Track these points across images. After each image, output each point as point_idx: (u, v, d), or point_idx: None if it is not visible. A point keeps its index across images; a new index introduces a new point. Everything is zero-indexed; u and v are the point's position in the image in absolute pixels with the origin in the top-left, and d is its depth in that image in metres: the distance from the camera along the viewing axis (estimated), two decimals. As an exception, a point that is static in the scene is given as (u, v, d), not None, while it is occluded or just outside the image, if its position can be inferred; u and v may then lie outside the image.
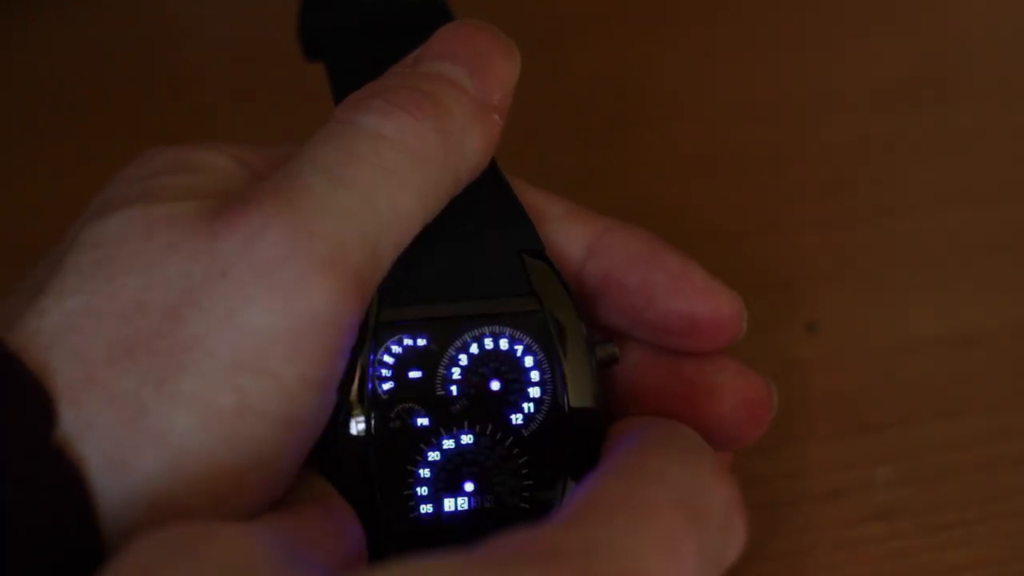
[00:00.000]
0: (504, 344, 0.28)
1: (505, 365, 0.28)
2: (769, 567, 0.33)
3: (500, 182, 0.30)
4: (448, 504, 0.28)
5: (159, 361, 0.25)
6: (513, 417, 0.28)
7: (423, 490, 0.28)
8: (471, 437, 0.28)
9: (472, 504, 0.28)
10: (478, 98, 0.29)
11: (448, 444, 0.28)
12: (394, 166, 0.27)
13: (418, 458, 0.28)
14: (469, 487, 0.28)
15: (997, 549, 0.33)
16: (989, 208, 0.43)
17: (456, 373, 0.28)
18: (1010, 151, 0.45)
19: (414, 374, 0.28)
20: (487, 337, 0.28)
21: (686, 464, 0.25)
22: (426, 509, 0.28)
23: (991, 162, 0.45)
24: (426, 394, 0.28)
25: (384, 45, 0.31)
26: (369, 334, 0.28)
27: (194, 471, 0.25)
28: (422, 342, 0.28)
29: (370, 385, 0.28)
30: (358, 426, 0.28)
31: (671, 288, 0.30)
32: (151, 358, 0.25)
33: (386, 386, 0.28)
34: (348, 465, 0.28)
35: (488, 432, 0.28)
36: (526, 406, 0.28)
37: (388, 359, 0.28)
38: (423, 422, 0.28)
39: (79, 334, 0.25)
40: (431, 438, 0.28)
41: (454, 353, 0.28)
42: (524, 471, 0.28)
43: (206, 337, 0.25)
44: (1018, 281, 0.41)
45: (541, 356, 0.28)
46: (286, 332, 0.25)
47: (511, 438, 0.28)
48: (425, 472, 0.28)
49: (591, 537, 0.23)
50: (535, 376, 0.28)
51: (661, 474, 0.25)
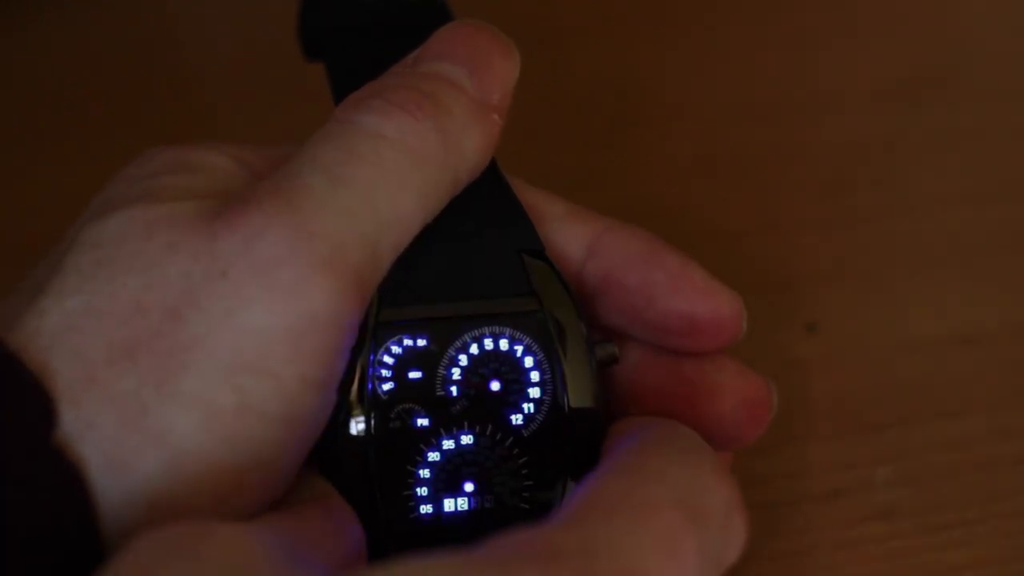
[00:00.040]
0: (504, 344, 0.28)
1: (505, 365, 0.28)
2: (769, 567, 0.33)
3: (500, 182, 0.30)
4: (448, 504, 0.28)
5: (159, 361, 0.25)
6: (513, 417, 0.28)
7: (423, 490, 0.28)
8: (471, 437, 0.28)
9: (472, 504, 0.28)
10: (478, 98, 0.29)
11: (448, 444, 0.28)
12: (394, 166, 0.27)
13: (418, 458, 0.28)
14: (469, 487, 0.28)
15: (997, 549, 0.33)
16: (989, 208, 0.43)
17: (456, 373, 0.28)
18: (1010, 151, 0.45)
19: (414, 374, 0.28)
20: (487, 337, 0.28)
21: (686, 464, 0.25)
22: (426, 509, 0.28)
23: (991, 162, 0.45)
24: (426, 394, 0.28)
25: (384, 45, 0.31)
26: (369, 334, 0.28)
27: (194, 471, 0.25)
28: (422, 342, 0.28)
29: (370, 385, 0.28)
30: (358, 426, 0.28)
31: (671, 288, 0.30)
32: (151, 358, 0.25)
33: (386, 386, 0.28)
34: (348, 465, 0.28)
35: (488, 432, 0.28)
36: (526, 406, 0.28)
37: (388, 359, 0.28)
38: (423, 422, 0.28)
39: (79, 334, 0.25)
40: (431, 438, 0.28)
41: (454, 353, 0.28)
42: (524, 471, 0.28)
43: (206, 337, 0.25)
44: (1018, 281, 0.41)
45: (541, 356, 0.28)
46: (286, 332, 0.25)
47: (511, 438, 0.28)
48: (425, 472, 0.28)
49: (591, 537, 0.23)
50: (535, 376, 0.28)
51: (661, 474, 0.25)
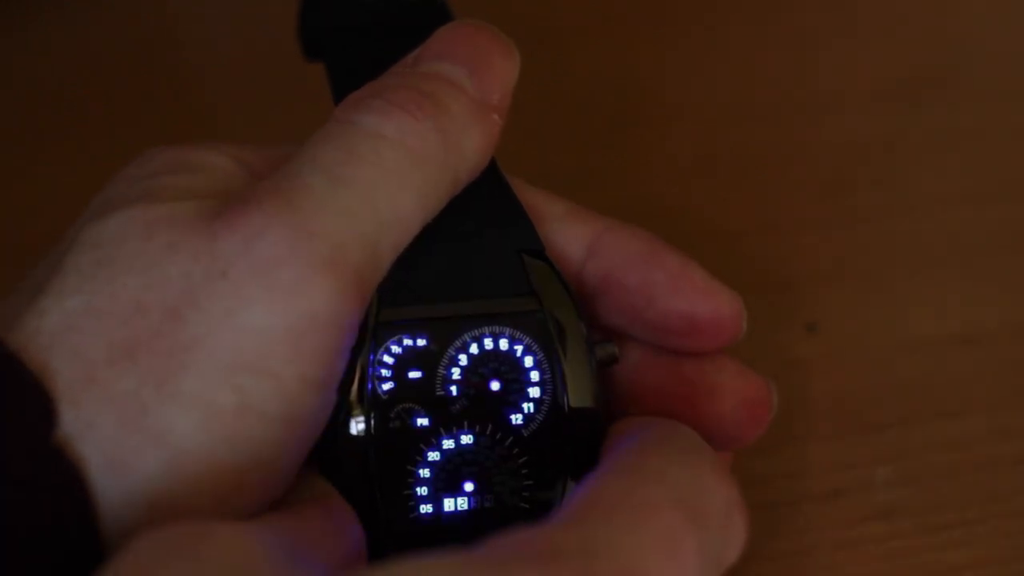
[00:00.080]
0: (504, 344, 0.28)
1: (505, 365, 0.28)
2: (769, 567, 0.33)
3: (500, 182, 0.30)
4: (448, 504, 0.28)
5: (159, 361, 0.25)
6: (513, 417, 0.28)
7: (423, 490, 0.28)
8: (471, 437, 0.28)
9: (472, 504, 0.28)
10: (477, 98, 0.29)
11: (448, 444, 0.28)
12: (394, 166, 0.27)
13: (418, 458, 0.28)
14: (469, 487, 0.28)
15: (997, 549, 0.33)
16: (989, 208, 0.43)
17: (456, 373, 0.28)
18: (1010, 151, 0.45)
19: (414, 374, 0.28)
20: (487, 337, 0.28)
21: (686, 464, 0.25)
22: (426, 509, 0.28)
23: (991, 162, 0.45)
24: (426, 394, 0.28)
25: (384, 45, 0.31)
26: (369, 334, 0.28)
27: (194, 471, 0.25)
28: (422, 342, 0.28)
29: (370, 385, 0.28)
30: (358, 426, 0.28)
31: (671, 288, 0.30)
32: (151, 358, 0.25)
33: (386, 386, 0.28)
34: (348, 465, 0.28)
35: (488, 432, 0.28)
36: (526, 406, 0.28)
37: (388, 359, 0.28)
38: (423, 422, 0.28)
39: (79, 334, 0.25)
40: (431, 438, 0.28)
41: (454, 353, 0.28)
42: (524, 471, 0.28)
43: (206, 337, 0.25)
44: (1018, 281, 0.41)
45: (541, 356, 0.28)
46: (286, 332, 0.25)
47: (511, 438, 0.28)
48: (425, 472, 0.28)
49: (591, 537, 0.23)
50: (535, 376, 0.28)
51: (661, 474, 0.25)
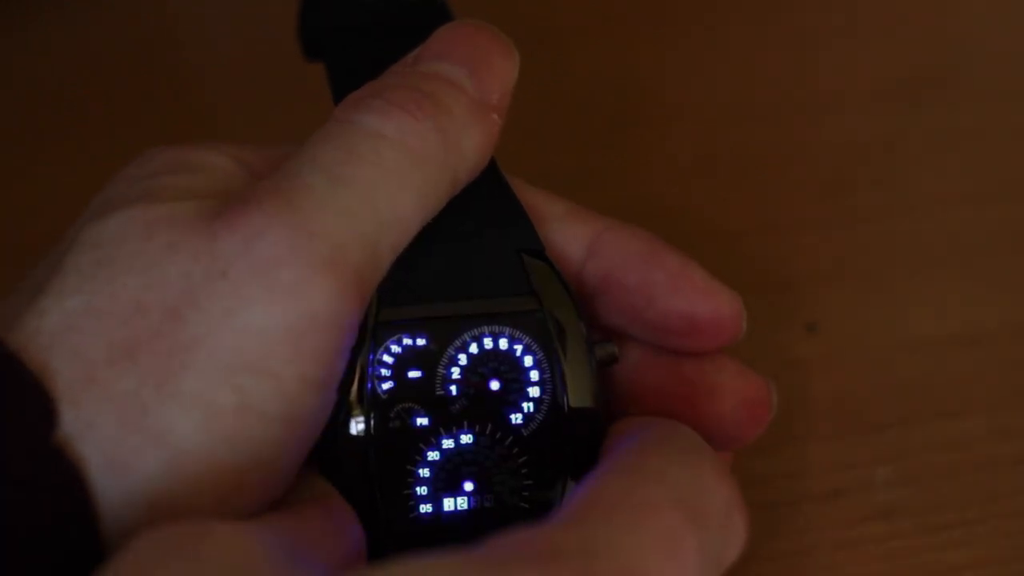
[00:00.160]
0: (503, 344, 0.28)
1: (504, 365, 0.28)
2: (769, 567, 0.33)
3: (500, 182, 0.30)
4: (448, 504, 0.28)
5: (159, 361, 0.25)
6: (513, 417, 0.28)
7: (423, 490, 0.28)
8: (471, 437, 0.28)
9: (472, 504, 0.28)
10: (477, 98, 0.29)
11: (448, 444, 0.28)
12: (394, 166, 0.27)
13: (418, 458, 0.28)
14: (469, 487, 0.28)
15: (997, 549, 0.33)
16: (989, 208, 0.43)
17: (455, 373, 0.28)
18: (1010, 151, 0.45)
19: (414, 374, 0.28)
20: (486, 337, 0.28)
21: (686, 464, 0.25)
22: (426, 509, 0.28)
23: (991, 162, 0.45)
24: (426, 394, 0.28)
25: (384, 45, 0.31)
26: (369, 334, 0.28)
27: (194, 471, 0.25)
28: (421, 342, 0.28)
29: (370, 385, 0.28)
30: (358, 426, 0.28)
31: (671, 288, 0.30)
32: (151, 358, 0.25)
33: (386, 386, 0.28)
34: (348, 465, 0.28)
35: (488, 432, 0.28)
36: (526, 406, 0.28)
37: (388, 359, 0.28)
38: (423, 422, 0.28)
39: (79, 334, 0.25)
40: (431, 438, 0.28)
41: (453, 353, 0.28)
42: (524, 471, 0.28)
43: (206, 337, 0.25)
44: (1018, 281, 0.41)
45: (541, 356, 0.28)
46: (286, 332, 0.25)
47: (511, 438, 0.28)
48: (425, 472, 0.28)
49: (591, 537, 0.23)
50: (535, 376, 0.28)
51: (661, 474, 0.25)
